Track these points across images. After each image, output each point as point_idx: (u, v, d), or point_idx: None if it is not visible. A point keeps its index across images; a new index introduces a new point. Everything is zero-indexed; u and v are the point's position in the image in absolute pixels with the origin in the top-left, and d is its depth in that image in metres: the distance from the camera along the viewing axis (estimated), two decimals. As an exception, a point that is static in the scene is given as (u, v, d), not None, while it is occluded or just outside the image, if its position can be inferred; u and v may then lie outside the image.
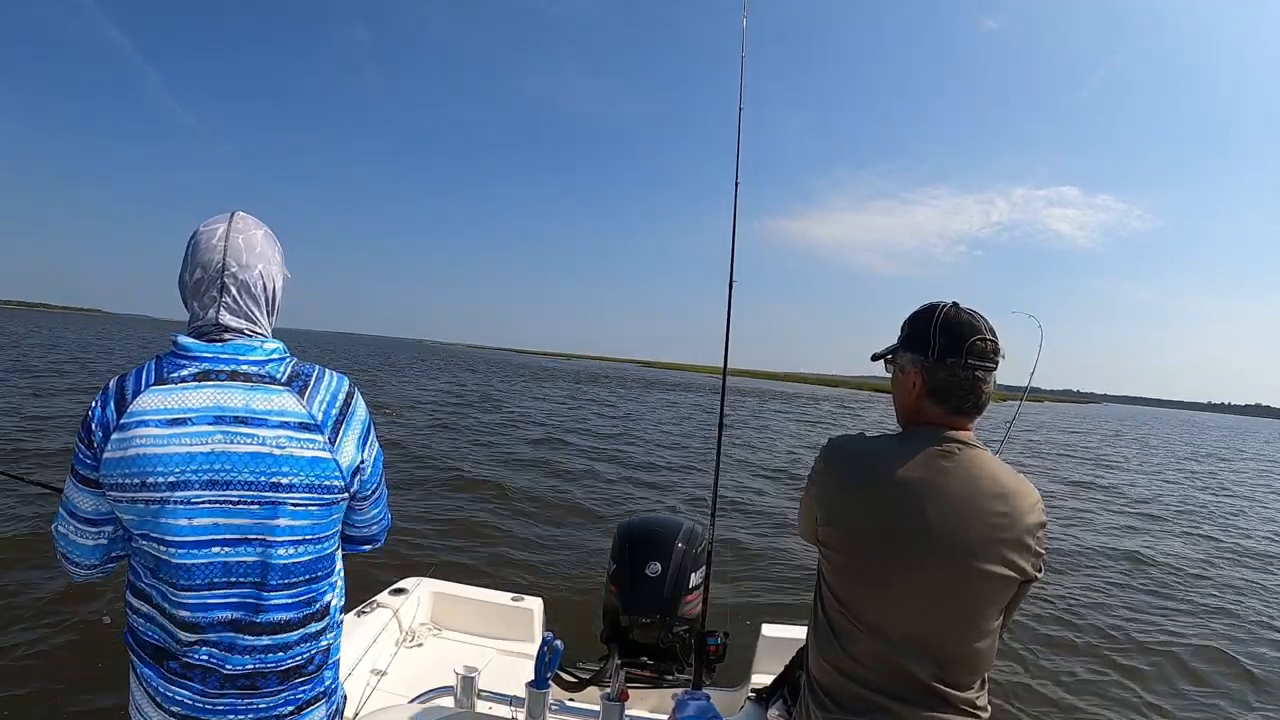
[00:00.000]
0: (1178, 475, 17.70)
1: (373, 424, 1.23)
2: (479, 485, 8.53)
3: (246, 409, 1.07)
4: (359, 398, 1.20)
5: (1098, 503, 11.44)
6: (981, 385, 1.20)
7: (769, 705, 1.70)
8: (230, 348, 1.11)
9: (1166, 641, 5.21)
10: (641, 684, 2.34)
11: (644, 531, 2.63)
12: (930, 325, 1.21)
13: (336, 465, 1.12)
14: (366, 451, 1.20)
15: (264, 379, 1.10)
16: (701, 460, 12.10)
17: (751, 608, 4.91)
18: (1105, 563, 7.38)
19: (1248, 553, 8.59)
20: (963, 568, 1.13)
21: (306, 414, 1.10)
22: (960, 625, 1.16)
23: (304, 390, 1.12)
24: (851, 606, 1.20)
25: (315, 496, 1.11)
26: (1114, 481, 14.64)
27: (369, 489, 1.24)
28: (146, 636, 1.10)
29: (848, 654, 1.19)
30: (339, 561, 1.22)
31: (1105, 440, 29.02)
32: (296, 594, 1.11)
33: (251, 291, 1.14)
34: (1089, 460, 19.05)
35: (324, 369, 1.19)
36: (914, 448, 1.19)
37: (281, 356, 1.14)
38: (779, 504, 8.86)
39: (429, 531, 6.38)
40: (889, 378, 1.32)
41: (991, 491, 1.15)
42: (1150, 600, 6.26)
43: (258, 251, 1.15)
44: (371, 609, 2.50)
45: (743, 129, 2.47)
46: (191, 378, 1.07)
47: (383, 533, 1.37)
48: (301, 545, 1.11)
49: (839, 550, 1.23)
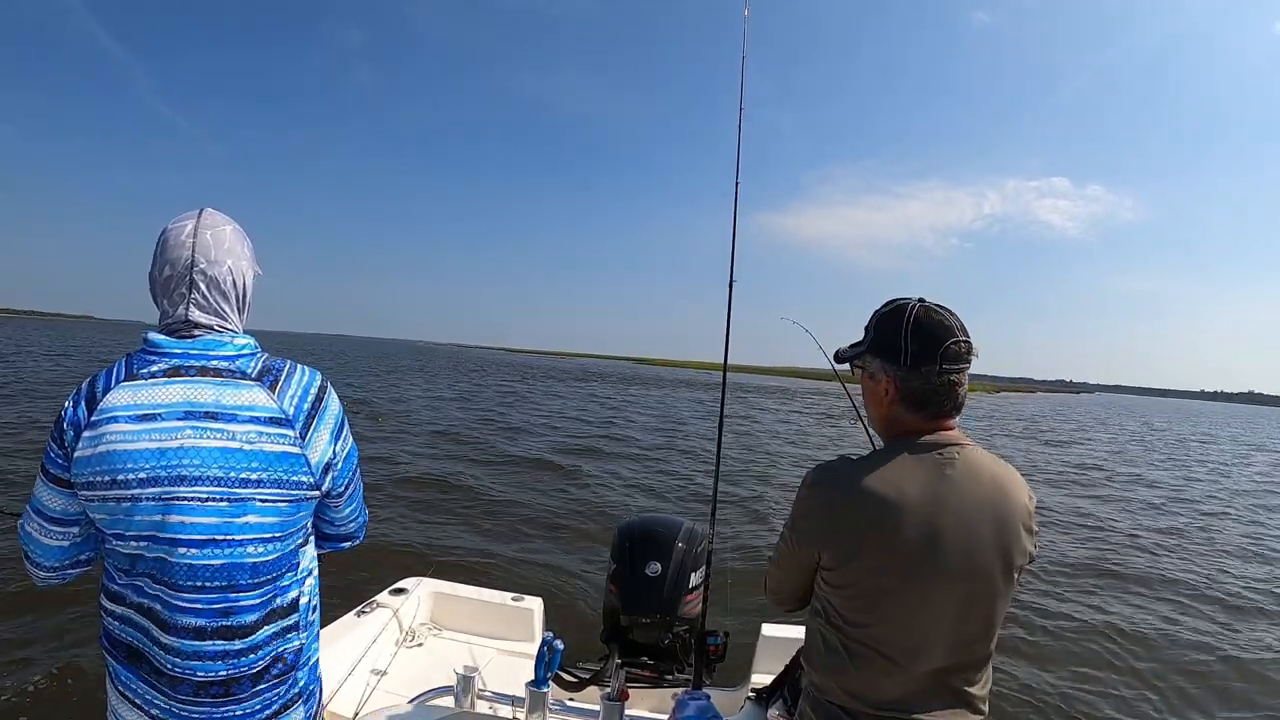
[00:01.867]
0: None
1: (346, 420, 1.21)
2: (479, 485, 8.52)
3: (216, 404, 1.06)
4: (332, 393, 1.19)
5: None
6: (958, 388, 1.15)
7: (769, 705, 1.70)
8: (200, 343, 1.10)
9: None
10: (641, 684, 2.34)
11: (644, 531, 2.63)
12: (900, 330, 1.15)
13: (306, 461, 1.11)
14: (339, 446, 1.18)
15: (234, 374, 1.09)
16: (701, 459, 12.10)
17: (752, 608, 4.89)
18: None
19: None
20: (984, 573, 1.12)
21: (277, 409, 1.09)
22: (983, 628, 1.15)
23: (275, 385, 1.11)
24: (869, 630, 1.14)
25: (284, 493, 1.09)
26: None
27: (341, 485, 1.21)
28: (121, 637, 1.09)
29: (863, 676, 1.15)
30: (308, 558, 1.20)
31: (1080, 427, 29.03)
32: (263, 593, 1.10)
33: (221, 288, 1.13)
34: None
35: (295, 364, 1.18)
36: (915, 463, 1.13)
37: (252, 351, 1.13)
38: (779, 503, 8.85)
39: (429, 531, 6.38)
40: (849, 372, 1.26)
41: (994, 490, 1.14)
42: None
43: (226, 247, 1.14)
44: (371, 609, 2.50)
45: (742, 129, 2.47)
46: (161, 373, 1.06)
47: (360, 529, 1.35)
48: (269, 543, 1.09)
49: (852, 584, 1.16)
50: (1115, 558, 7.27)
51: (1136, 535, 8.50)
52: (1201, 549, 8.09)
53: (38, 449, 1.19)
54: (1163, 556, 7.56)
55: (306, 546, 1.20)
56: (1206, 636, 5.17)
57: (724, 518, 7.13)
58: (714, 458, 2.49)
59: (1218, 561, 7.53)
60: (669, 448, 13.72)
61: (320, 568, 1.26)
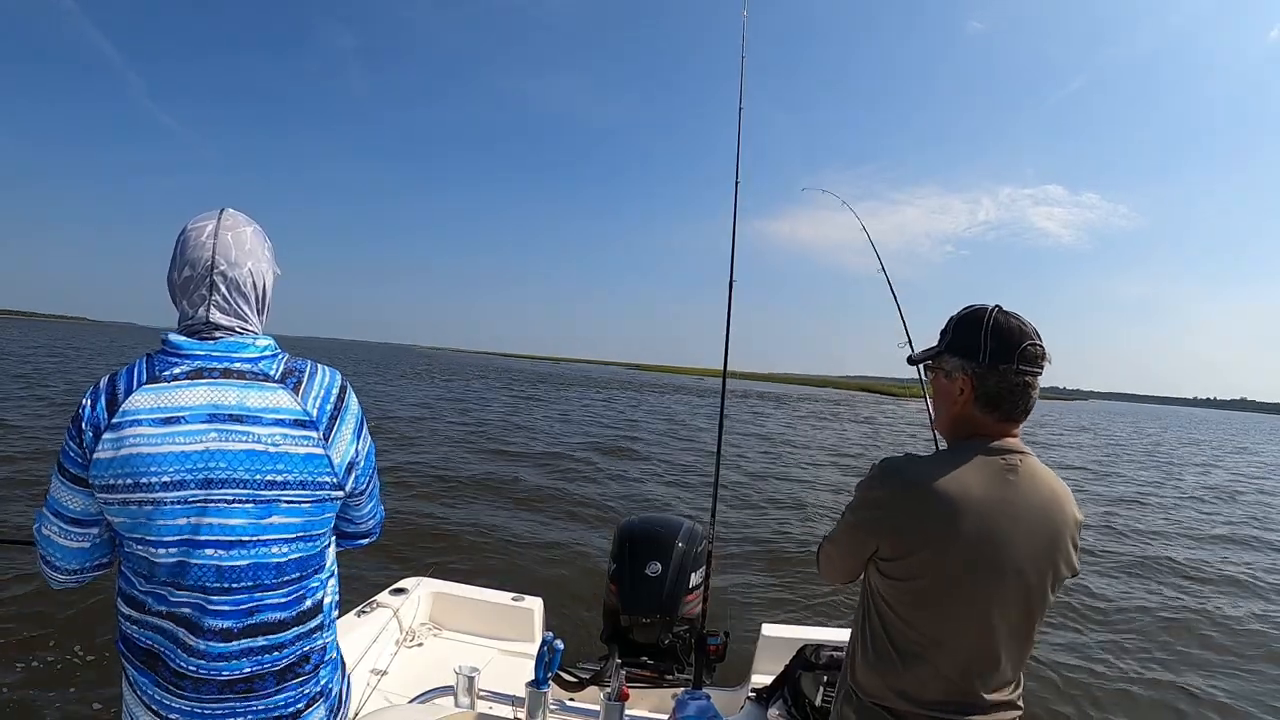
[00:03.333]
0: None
1: (365, 418, 1.21)
2: (478, 485, 8.53)
3: (241, 406, 1.05)
4: (352, 393, 1.19)
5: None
6: (1031, 390, 1.17)
7: (769, 705, 1.70)
8: (222, 345, 1.09)
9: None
10: (641, 684, 2.34)
11: (644, 531, 2.63)
12: (981, 329, 1.17)
13: (329, 462, 1.11)
14: (360, 445, 1.18)
15: (258, 376, 1.08)
16: (700, 459, 12.11)
17: (752, 608, 4.91)
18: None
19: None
20: (1036, 580, 1.15)
21: (301, 410, 1.09)
22: (1027, 635, 1.18)
23: (298, 386, 1.10)
24: (922, 630, 1.16)
25: (309, 493, 1.09)
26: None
27: (362, 484, 1.21)
28: (140, 642, 1.08)
29: (913, 675, 1.17)
30: (330, 559, 1.21)
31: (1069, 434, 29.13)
32: (289, 592, 1.10)
33: (241, 289, 1.12)
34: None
35: (316, 364, 1.17)
36: (980, 465, 1.15)
37: (274, 353, 1.13)
38: (779, 503, 8.86)
39: (429, 531, 6.38)
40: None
41: (1051, 500, 1.16)
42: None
43: (247, 249, 1.13)
44: (372, 609, 2.50)
45: (742, 129, 2.47)
46: (184, 376, 1.05)
47: (378, 526, 1.36)
48: (295, 543, 1.09)
49: (910, 578, 1.17)
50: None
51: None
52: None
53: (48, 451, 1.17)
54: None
55: (330, 547, 1.20)
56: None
57: (724, 518, 7.15)
58: (714, 457, 2.49)
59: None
60: (668, 448, 13.73)
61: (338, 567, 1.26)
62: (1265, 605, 6.08)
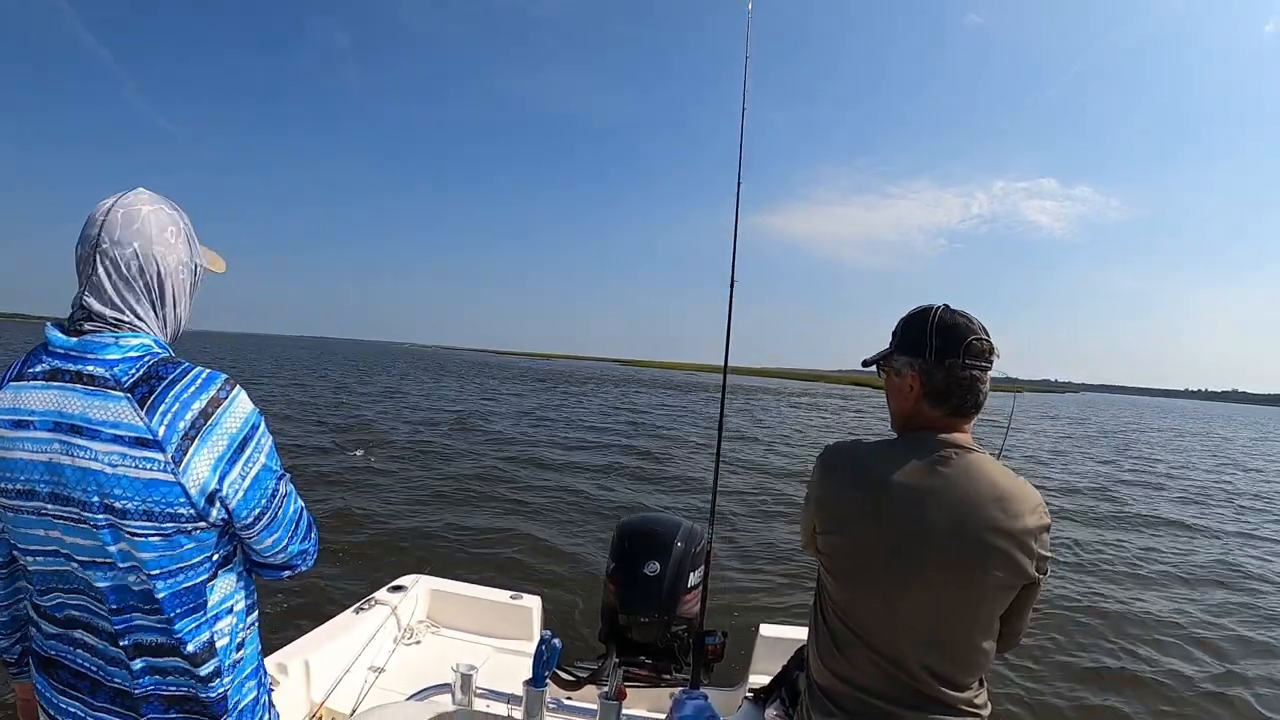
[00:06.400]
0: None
1: (255, 436, 1.00)
2: (477, 484, 8.54)
3: (83, 418, 0.92)
4: (232, 405, 0.97)
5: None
6: (979, 384, 1.20)
7: (766, 705, 1.70)
8: (83, 344, 0.95)
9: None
10: (639, 683, 2.34)
11: (643, 530, 2.62)
12: (926, 327, 1.22)
13: (182, 490, 0.92)
14: (234, 471, 0.97)
15: (106, 383, 0.93)
16: (700, 458, 12.11)
17: (750, 607, 4.92)
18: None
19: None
20: (962, 572, 1.13)
21: (144, 428, 0.91)
22: (960, 629, 1.17)
23: (146, 399, 0.92)
24: (852, 613, 1.21)
25: (154, 526, 0.92)
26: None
27: (246, 516, 1.00)
28: (40, 650, 1.04)
29: (849, 660, 1.20)
30: (219, 595, 1.02)
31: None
32: (163, 631, 0.97)
33: (124, 272, 0.98)
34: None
35: (190, 368, 0.98)
36: (911, 453, 1.19)
37: (140, 355, 0.96)
38: (779, 503, 8.86)
39: (427, 530, 6.39)
40: (873, 373, 1.32)
41: (990, 495, 1.15)
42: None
43: (136, 227, 0.98)
44: (370, 606, 2.50)
45: (744, 127, 2.46)
46: (41, 376, 0.95)
47: (299, 558, 1.14)
48: (156, 579, 0.94)
49: (838, 558, 1.23)
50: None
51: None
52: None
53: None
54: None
55: (216, 581, 1.01)
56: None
57: (723, 518, 7.15)
58: (714, 459, 2.48)
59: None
60: (667, 446, 13.74)
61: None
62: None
